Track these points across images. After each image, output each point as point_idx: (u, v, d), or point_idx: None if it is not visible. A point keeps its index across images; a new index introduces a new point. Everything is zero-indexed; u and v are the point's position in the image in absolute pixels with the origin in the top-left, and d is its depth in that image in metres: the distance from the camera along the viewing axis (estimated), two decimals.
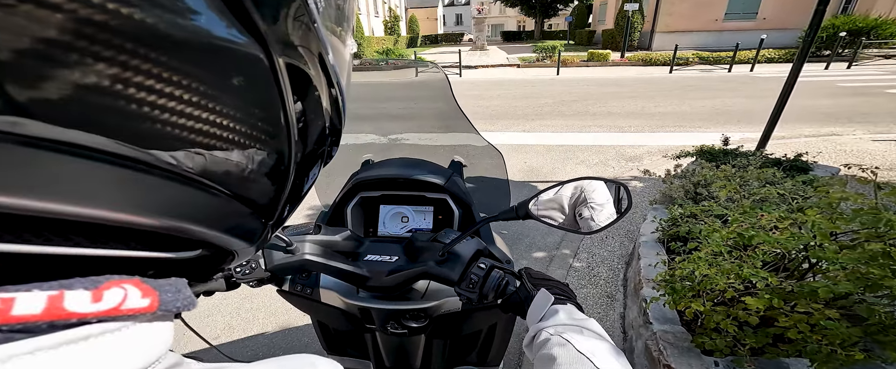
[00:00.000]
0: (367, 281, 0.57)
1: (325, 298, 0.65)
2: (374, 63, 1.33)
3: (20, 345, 0.13)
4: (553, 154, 4.29)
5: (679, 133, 4.83)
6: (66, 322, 0.14)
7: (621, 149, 4.28)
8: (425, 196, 0.76)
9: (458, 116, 0.87)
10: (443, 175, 0.75)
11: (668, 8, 16.14)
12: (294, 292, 0.65)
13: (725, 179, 2.13)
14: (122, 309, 0.16)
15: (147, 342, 0.17)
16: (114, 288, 0.16)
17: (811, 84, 8.10)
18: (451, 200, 0.75)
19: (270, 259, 0.55)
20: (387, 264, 0.58)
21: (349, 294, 0.63)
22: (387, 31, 24.05)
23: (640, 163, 3.85)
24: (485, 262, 0.54)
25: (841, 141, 4.12)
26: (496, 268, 0.54)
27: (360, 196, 0.77)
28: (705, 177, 2.28)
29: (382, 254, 0.60)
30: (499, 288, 0.53)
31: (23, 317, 0.13)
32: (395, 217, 0.79)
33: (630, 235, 2.60)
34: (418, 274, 0.56)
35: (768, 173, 2.18)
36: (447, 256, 0.54)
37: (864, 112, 5.45)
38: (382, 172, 0.76)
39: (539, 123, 5.51)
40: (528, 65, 13.41)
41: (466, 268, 0.53)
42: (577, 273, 2.27)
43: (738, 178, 2.13)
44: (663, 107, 6.32)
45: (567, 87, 8.96)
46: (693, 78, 9.80)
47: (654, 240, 2.08)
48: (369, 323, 0.64)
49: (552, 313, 0.45)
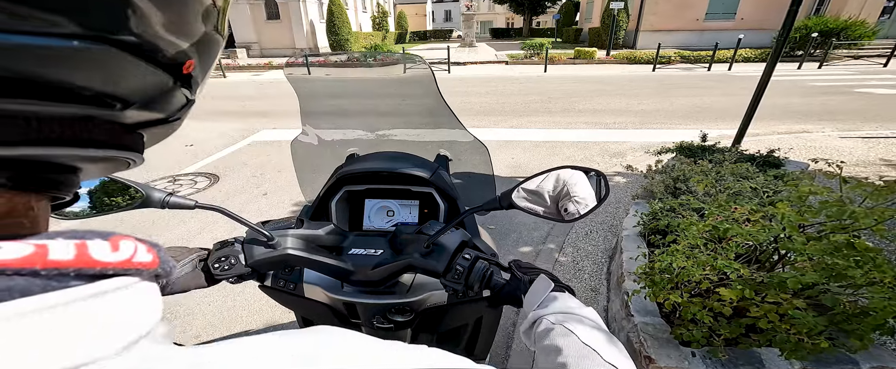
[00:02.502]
0: (352, 275, 0.56)
1: (309, 293, 0.64)
2: (360, 59, 1.27)
3: (57, 296, 0.14)
4: (539, 150, 4.33)
5: (661, 130, 4.95)
6: (91, 271, 0.15)
7: (606, 145, 4.36)
8: (411, 190, 0.76)
9: (444, 112, 0.87)
10: (428, 169, 0.75)
11: (653, 7, 16.45)
12: (277, 288, 0.64)
13: (702, 174, 2.19)
14: (134, 262, 0.17)
15: (151, 300, 0.18)
16: (124, 241, 0.17)
17: (784, 83, 8.44)
18: (436, 194, 0.75)
19: (251, 254, 0.54)
20: (371, 258, 0.57)
21: (334, 289, 0.62)
22: (375, 26, 23.72)
23: (623, 159, 3.93)
24: (469, 253, 0.54)
25: (811, 137, 4.30)
26: (481, 258, 0.54)
27: (345, 190, 0.76)
28: (684, 173, 2.34)
29: (367, 248, 0.59)
30: (484, 278, 0.53)
31: (58, 263, 0.14)
32: (380, 211, 0.78)
33: (613, 230, 2.65)
34: (403, 266, 0.55)
35: (742, 168, 2.26)
36: (432, 248, 0.54)
37: (833, 110, 5.72)
38: (367, 166, 0.75)
39: (526, 120, 5.55)
40: (517, 62, 13.47)
41: (451, 259, 0.53)
42: (562, 267, 2.31)
43: (714, 173, 2.20)
44: (647, 104, 6.47)
45: (554, 84, 9.05)
46: (675, 76, 10.05)
47: (635, 233, 2.13)
48: (355, 318, 0.63)
49: (551, 300, 0.45)
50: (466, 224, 0.73)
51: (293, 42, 16.74)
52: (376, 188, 0.77)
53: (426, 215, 0.78)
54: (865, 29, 12.06)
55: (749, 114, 3.03)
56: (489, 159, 0.91)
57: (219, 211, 0.51)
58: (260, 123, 5.57)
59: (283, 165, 3.84)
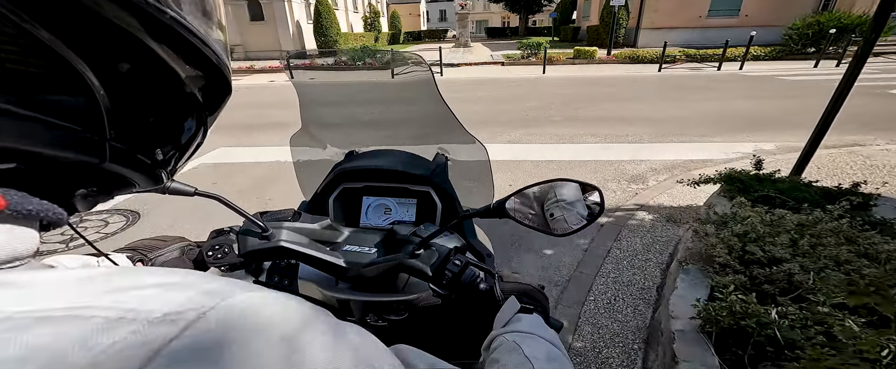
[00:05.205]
0: (345, 272, 0.56)
1: (303, 290, 0.64)
2: (353, 60, 1.18)
3: None
4: (542, 172, 3.63)
5: (682, 143, 4.24)
6: None
7: (620, 165, 3.65)
8: (409, 188, 0.76)
9: (443, 113, 0.83)
10: (427, 168, 0.76)
11: (654, 4, 15.81)
12: (271, 284, 0.63)
13: (789, 232, 1.49)
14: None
15: (3, 238, 0.21)
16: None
17: (807, 83, 7.76)
18: (434, 193, 0.75)
19: (244, 244, 0.54)
20: (365, 255, 0.57)
21: (328, 285, 0.62)
22: (366, 27, 22.97)
23: (644, 185, 3.23)
24: (460, 259, 0.54)
25: (866, 153, 3.61)
26: (472, 265, 0.54)
27: (343, 187, 0.77)
28: (755, 228, 1.64)
29: (362, 245, 0.59)
30: (472, 286, 0.52)
31: None
32: (377, 208, 0.78)
33: (645, 295, 1.95)
34: (393, 266, 0.55)
35: (842, 225, 1.56)
36: (423, 250, 0.54)
37: (876, 116, 5.00)
38: (366, 163, 0.76)
39: (525, 132, 4.84)
40: (513, 63, 12.80)
41: (442, 263, 0.53)
42: (578, 358, 1.61)
43: (807, 236, 1.49)
44: (659, 110, 5.76)
45: (554, 87, 8.35)
46: (683, 77, 9.37)
47: (692, 328, 1.42)
48: (349, 315, 0.63)
49: (516, 321, 0.45)
50: (463, 225, 0.73)
51: (279, 43, 15.99)
52: (374, 186, 0.77)
53: (424, 213, 0.76)
54: None
55: (817, 137, 2.34)
56: (488, 159, 0.89)
57: (217, 199, 0.51)
58: (221, 138, 4.80)
59: (242, 195, 3.10)
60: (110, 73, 0.22)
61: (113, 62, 0.22)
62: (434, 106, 0.82)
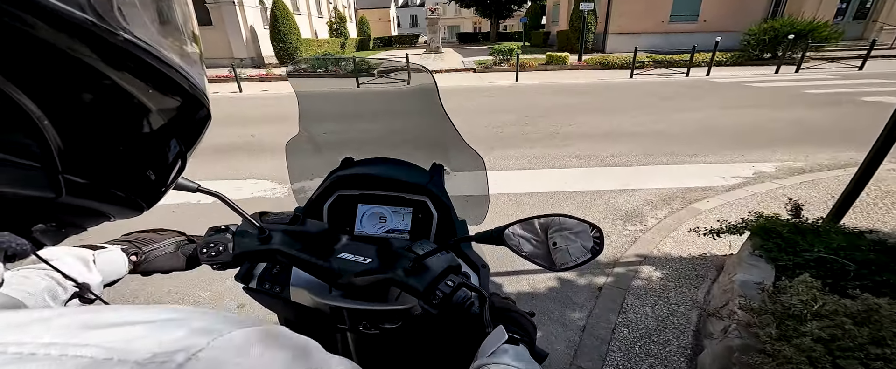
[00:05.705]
0: (337, 279, 0.56)
1: (295, 297, 0.64)
2: (310, 70, 1.08)
3: None
4: (522, 208, 3.05)
5: (673, 166, 3.81)
6: None
7: (611, 198, 3.13)
8: (405, 197, 0.76)
9: (439, 133, 0.85)
10: (423, 177, 0.77)
11: (620, 8, 15.98)
12: (262, 290, 0.64)
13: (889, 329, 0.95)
14: None
15: None
16: None
17: (776, 90, 7.76)
18: (430, 203, 0.75)
19: (240, 244, 0.54)
20: (358, 265, 0.56)
21: (321, 292, 0.62)
22: (332, 32, 21.88)
23: (642, 225, 2.71)
24: (453, 280, 0.53)
25: (875, 176, 3.30)
26: (464, 286, 0.53)
27: (339, 194, 0.77)
28: (843, 327, 1.09)
29: (356, 254, 0.58)
30: (463, 308, 0.52)
31: None
32: (372, 216, 0.78)
33: None
34: (385, 280, 0.55)
35: None
36: (417, 267, 0.54)
37: (859, 127, 4.86)
38: (362, 171, 0.76)
39: (501, 154, 4.26)
40: (485, 69, 12.36)
41: (434, 282, 0.53)
42: None
43: None
44: (640, 124, 5.38)
45: (528, 96, 7.90)
46: (655, 84, 9.25)
47: None
48: (341, 322, 0.63)
49: (501, 352, 0.45)
50: (458, 235, 0.73)
51: (231, 51, 14.65)
52: (370, 194, 0.77)
53: (420, 223, 0.76)
54: (831, 30, 11.92)
55: (858, 184, 1.89)
56: (484, 170, 0.89)
57: (218, 197, 0.52)
58: None
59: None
60: (59, 102, 0.20)
61: (61, 90, 0.20)
62: (433, 115, 0.82)
